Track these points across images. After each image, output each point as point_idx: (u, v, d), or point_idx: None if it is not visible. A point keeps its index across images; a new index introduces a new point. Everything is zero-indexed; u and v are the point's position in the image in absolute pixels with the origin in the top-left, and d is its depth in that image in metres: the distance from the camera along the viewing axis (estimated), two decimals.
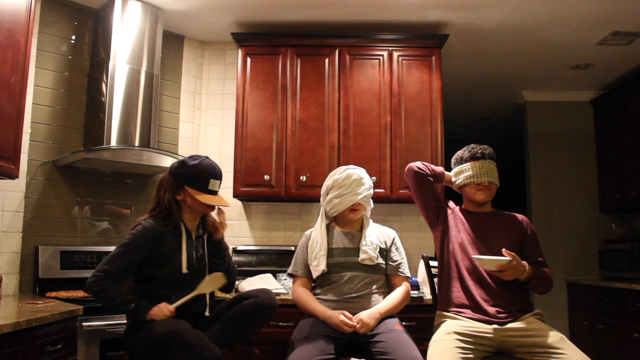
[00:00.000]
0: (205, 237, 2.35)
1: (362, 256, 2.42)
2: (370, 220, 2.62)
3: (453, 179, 2.49)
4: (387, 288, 2.51)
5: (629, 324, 3.64)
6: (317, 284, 2.50)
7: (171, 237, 2.20)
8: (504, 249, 2.16)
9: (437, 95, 3.47)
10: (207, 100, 3.86)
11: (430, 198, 2.48)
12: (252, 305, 2.18)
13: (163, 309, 2.07)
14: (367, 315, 2.28)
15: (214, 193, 2.25)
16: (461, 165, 2.44)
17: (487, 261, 2.17)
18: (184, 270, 2.18)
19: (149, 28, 3.30)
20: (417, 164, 2.47)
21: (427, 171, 2.46)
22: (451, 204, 2.54)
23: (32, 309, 2.28)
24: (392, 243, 2.55)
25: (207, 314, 2.26)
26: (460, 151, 2.48)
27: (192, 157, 2.25)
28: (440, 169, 2.54)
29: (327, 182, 2.54)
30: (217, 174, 2.25)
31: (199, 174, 2.20)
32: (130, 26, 3.21)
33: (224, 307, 2.25)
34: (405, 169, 2.53)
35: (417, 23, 3.57)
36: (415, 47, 3.54)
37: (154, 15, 3.33)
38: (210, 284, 2.23)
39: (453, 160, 2.51)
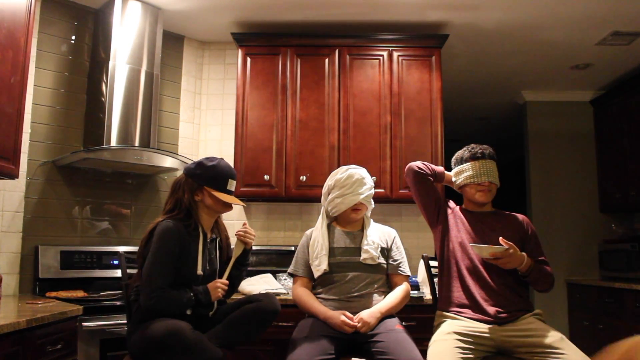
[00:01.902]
0: (218, 241, 2.37)
1: (363, 256, 2.42)
2: (371, 220, 2.62)
3: (453, 179, 2.49)
4: (388, 288, 2.51)
5: (629, 324, 3.64)
6: (318, 283, 2.50)
7: (189, 237, 2.21)
8: (501, 238, 2.17)
9: (437, 95, 3.47)
10: (207, 100, 3.86)
11: (431, 198, 2.48)
12: (254, 309, 2.18)
13: (220, 286, 2.18)
14: (367, 315, 2.29)
15: (231, 193, 2.29)
16: (461, 165, 2.44)
17: (485, 249, 2.18)
18: (199, 271, 2.20)
19: (149, 28, 3.30)
20: (417, 164, 2.47)
21: (427, 171, 2.46)
22: (451, 203, 2.54)
23: (32, 309, 2.28)
24: (393, 242, 2.55)
25: (210, 314, 2.26)
26: (460, 151, 2.49)
27: (208, 159, 2.30)
28: (440, 168, 2.54)
29: (329, 182, 2.54)
30: (234, 175, 2.31)
31: (217, 174, 2.25)
32: (130, 26, 3.21)
33: (227, 309, 2.26)
34: (405, 169, 2.53)
35: (417, 23, 3.57)
36: (415, 47, 3.54)
37: (154, 15, 3.33)
38: (237, 250, 2.35)
39: (453, 160, 2.51)
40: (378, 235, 2.53)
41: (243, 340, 2.22)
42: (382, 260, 2.47)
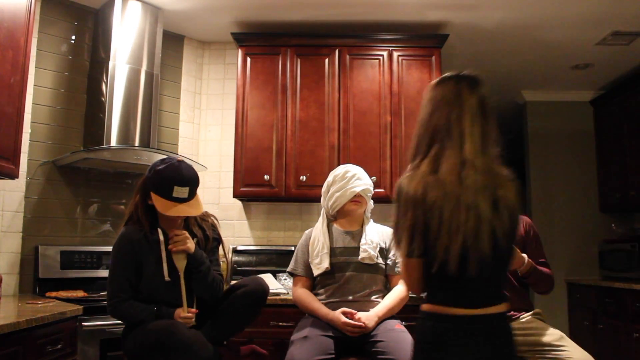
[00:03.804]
0: (195, 243, 2.23)
1: (362, 255, 2.43)
2: (371, 220, 2.63)
3: None
4: (387, 288, 2.51)
5: (629, 324, 3.64)
6: (317, 284, 2.50)
7: (147, 244, 2.14)
8: None
9: None
10: (207, 100, 3.86)
11: None
12: (244, 295, 2.15)
13: (186, 316, 2.08)
14: (365, 317, 2.28)
15: (183, 200, 2.09)
16: None
17: None
18: (166, 277, 2.11)
19: (149, 28, 3.30)
20: None
21: None
22: None
23: (32, 309, 2.28)
24: (392, 242, 2.55)
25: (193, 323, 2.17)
26: None
27: (162, 161, 2.14)
28: None
29: (328, 179, 2.58)
30: (183, 180, 2.07)
31: (162, 179, 2.08)
32: (130, 26, 3.21)
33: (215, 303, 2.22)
34: None
35: (417, 23, 3.57)
36: (415, 47, 3.54)
37: (154, 15, 3.33)
38: (181, 263, 2.13)
39: None
40: (377, 235, 2.54)
41: (239, 328, 2.21)
42: (380, 260, 2.47)
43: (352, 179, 2.49)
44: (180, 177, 2.07)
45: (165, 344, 1.94)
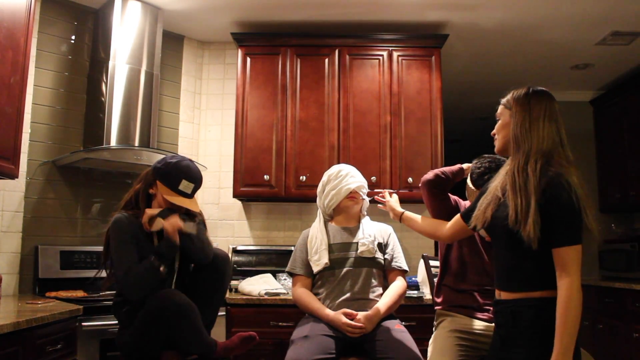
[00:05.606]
0: None
1: (360, 249, 2.44)
2: (368, 217, 2.64)
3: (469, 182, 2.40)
4: (386, 283, 2.51)
5: (629, 324, 3.64)
6: (316, 280, 2.50)
7: (141, 231, 2.16)
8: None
9: (436, 95, 3.47)
10: (207, 100, 3.86)
11: (443, 213, 2.31)
12: (209, 271, 2.19)
13: (173, 222, 2.08)
14: (365, 319, 2.28)
15: (187, 196, 2.17)
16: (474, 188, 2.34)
17: None
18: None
19: (149, 28, 3.30)
20: (430, 176, 2.33)
21: (443, 176, 2.31)
22: (461, 202, 2.44)
23: (32, 309, 2.28)
24: (389, 237, 2.58)
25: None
26: (477, 169, 2.32)
27: (174, 156, 2.25)
28: (456, 167, 2.39)
29: (323, 179, 2.61)
30: (192, 177, 2.18)
31: (172, 171, 2.16)
32: (130, 26, 3.21)
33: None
34: (420, 184, 2.37)
35: (417, 23, 3.57)
36: (415, 47, 3.54)
37: (154, 15, 3.33)
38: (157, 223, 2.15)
39: (473, 177, 2.35)
40: (375, 230, 2.55)
41: (218, 303, 2.26)
42: (379, 255, 2.48)
43: (346, 177, 2.53)
44: (190, 173, 2.19)
45: (167, 308, 1.95)
